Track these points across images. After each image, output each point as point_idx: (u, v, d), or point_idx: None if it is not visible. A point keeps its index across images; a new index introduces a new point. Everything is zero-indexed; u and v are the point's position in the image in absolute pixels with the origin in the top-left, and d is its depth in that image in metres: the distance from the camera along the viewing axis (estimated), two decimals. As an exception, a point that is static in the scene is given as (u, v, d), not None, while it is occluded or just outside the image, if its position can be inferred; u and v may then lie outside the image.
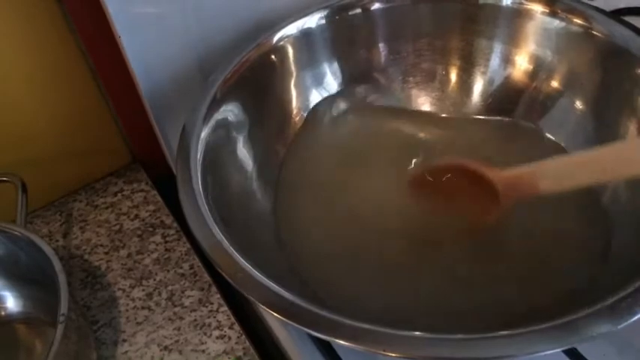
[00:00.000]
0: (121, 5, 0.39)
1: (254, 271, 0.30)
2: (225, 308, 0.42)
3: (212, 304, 0.43)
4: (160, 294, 0.44)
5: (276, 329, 0.40)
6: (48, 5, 0.42)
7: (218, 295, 0.43)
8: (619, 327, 0.26)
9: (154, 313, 0.43)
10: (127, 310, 0.43)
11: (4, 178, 0.42)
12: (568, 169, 0.36)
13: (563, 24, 0.41)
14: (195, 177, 0.34)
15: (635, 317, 0.26)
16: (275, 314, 0.28)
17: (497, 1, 0.43)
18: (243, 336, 0.41)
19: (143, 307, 0.43)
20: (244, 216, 0.37)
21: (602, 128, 0.40)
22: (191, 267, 0.45)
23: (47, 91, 0.45)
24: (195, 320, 0.42)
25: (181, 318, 0.42)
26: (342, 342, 0.27)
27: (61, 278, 0.35)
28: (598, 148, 0.35)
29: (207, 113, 0.38)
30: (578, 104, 0.42)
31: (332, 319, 0.28)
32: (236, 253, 0.31)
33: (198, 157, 0.36)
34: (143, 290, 0.44)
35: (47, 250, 0.37)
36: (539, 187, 0.36)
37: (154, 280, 0.45)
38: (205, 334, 0.41)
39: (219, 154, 0.37)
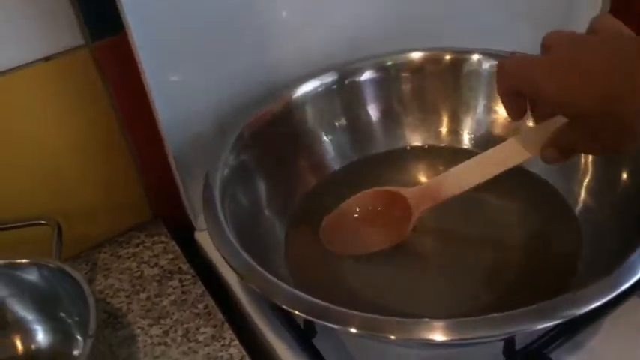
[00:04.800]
0: (157, 72, 0.45)
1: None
2: (236, 342, 0.45)
3: (224, 338, 0.46)
4: (176, 331, 0.47)
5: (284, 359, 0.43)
6: (90, 74, 0.48)
7: (230, 331, 0.46)
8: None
9: (170, 348, 0.46)
10: (144, 346, 0.46)
11: (43, 221, 0.47)
12: (464, 173, 0.42)
13: None
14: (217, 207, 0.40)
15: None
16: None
17: (479, 67, 0.50)
18: (254, 367, 0.44)
19: (160, 343, 0.46)
20: (259, 244, 0.42)
21: None
22: (205, 307, 0.49)
23: (85, 153, 0.51)
24: (209, 354, 0.45)
25: (195, 352, 0.45)
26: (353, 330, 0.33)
27: (91, 301, 0.39)
28: (482, 153, 0.42)
29: (227, 157, 0.44)
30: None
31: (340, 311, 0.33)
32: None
33: (218, 195, 0.42)
34: (160, 328, 0.47)
35: (79, 278, 0.41)
36: (442, 194, 0.43)
37: (171, 319, 0.48)
38: (218, 365, 0.44)
39: (236, 190, 0.43)
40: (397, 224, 0.45)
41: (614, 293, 0.33)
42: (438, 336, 0.32)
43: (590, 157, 0.46)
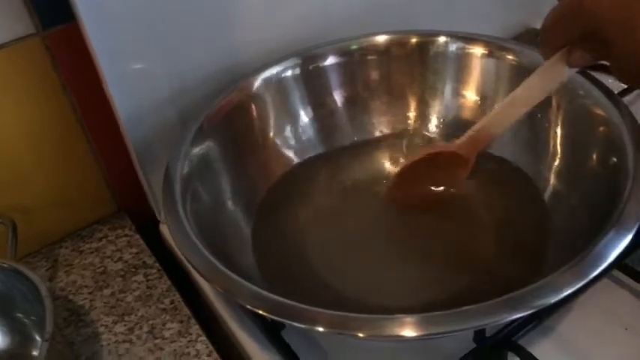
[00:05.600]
0: (111, 60, 0.44)
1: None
2: (203, 338, 0.44)
3: (191, 334, 0.45)
4: (141, 328, 0.46)
5: (253, 354, 0.42)
6: (42, 64, 0.46)
7: (197, 326, 0.45)
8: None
9: (135, 345, 0.45)
10: (108, 344, 0.45)
11: (-4, 220, 0.45)
12: (504, 110, 0.42)
13: (497, 61, 0.49)
14: (177, 202, 0.38)
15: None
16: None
17: (446, 50, 0.49)
18: (221, 362, 0.43)
19: (125, 341, 0.45)
20: (222, 236, 0.41)
21: (533, 135, 0.47)
22: (172, 302, 0.47)
23: (41, 145, 0.49)
24: (175, 350, 0.44)
25: (161, 349, 0.44)
26: (320, 329, 0.32)
27: (47, 302, 0.38)
28: (516, 90, 0.41)
29: (188, 150, 0.42)
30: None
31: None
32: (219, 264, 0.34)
33: (179, 189, 0.40)
34: (125, 325, 0.46)
35: (35, 279, 0.39)
36: (492, 132, 0.43)
37: (136, 315, 0.47)
38: (184, 362, 0.43)
39: (198, 185, 0.41)
40: (454, 174, 0.46)
41: (585, 281, 0.32)
42: (408, 332, 0.31)
43: (559, 140, 0.46)
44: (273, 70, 0.48)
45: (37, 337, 0.42)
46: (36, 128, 0.48)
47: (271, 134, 0.49)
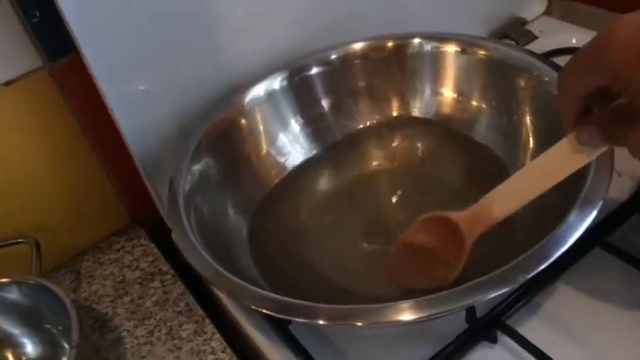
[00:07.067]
0: (113, 85, 0.47)
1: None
2: (217, 335, 0.48)
3: (206, 333, 0.48)
4: (160, 330, 0.49)
5: (264, 348, 0.45)
6: (51, 93, 0.50)
7: (211, 325, 0.49)
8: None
9: (156, 346, 0.48)
10: (132, 347, 0.49)
11: (21, 240, 0.49)
12: (514, 189, 0.39)
13: (471, 56, 0.51)
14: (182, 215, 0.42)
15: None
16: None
17: (421, 50, 0.52)
18: (235, 357, 0.46)
19: (146, 343, 0.49)
20: (225, 244, 0.44)
21: (510, 124, 0.50)
22: (186, 304, 0.51)
23: (56, 167, 0.53)
24: (192, 349, 0.47)
25: (180, 348, 0.48)
26: (321, 322, 0.35)
27: (72, 314, 0.41)
28: (532, 162, 0.38)
29: (188, 166, 0.45)
30: (492, 111, 0.51)
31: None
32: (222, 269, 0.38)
33: (182, 203, 0.44)
34: (145, 328, 0.50)
35: (59, 292, 0.43)
36: (494, 215, 0.39)
37: (155, 319, 0.50)
38: (202, 359, 0.46)
39: (199, 199, 0.45)
40: (450, 254, 0.43)
41: (557, 255, 0.34)
42: (406, 316, 0.34)
43: (529, 126, 0.48)
44: (261, 85, 0.52)
45: (66, 345, 0.46)
46: (49, 154, 0.52)
47: (265, 145, 0.52)
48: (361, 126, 0.55)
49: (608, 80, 0.29)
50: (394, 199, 0.52)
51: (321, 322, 0.35)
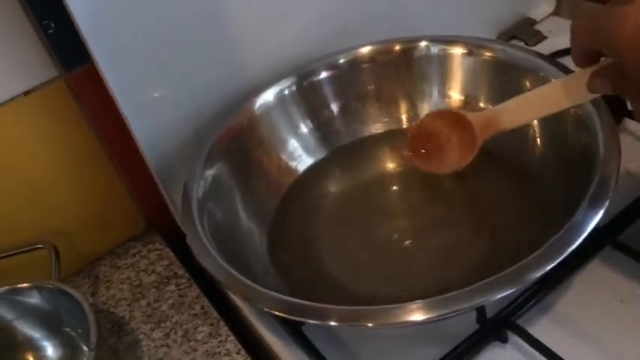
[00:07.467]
0: (127, 92, 0.48)
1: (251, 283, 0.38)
2: (232, 338, 0.49)
3: (221, 335, 0.49)
4: (176, 332, 0.50)
5: (277, 350, 0.46)
6: (68, 102, 0.51)
7: (226, 328, 0.50)
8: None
9: (172, 349, 0.49)
10: (148, 350, 0.50)
11: (40, 246, 0.50)
12: (522, 106, 0.42)
13: (477, 58, 0.52)
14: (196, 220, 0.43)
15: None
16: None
17: (428, 53, 0.53)
18: (249, 359, 0.47)
19: (162, 345, 0.50)
20: (238, 248, 0.45)
21: None
22: (202, 307, 0.52)
23: (73, 174, 0.54)
24: (207, 351, 0.48)
25: (195, 350, 0.49)
26: (333, 323, 0.36)
27: (91, 317, 0.43)
28: (543, 86, 0.41)
29: (201, 172, 0.46)
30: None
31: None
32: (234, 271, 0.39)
33: (196, 208, 0.44)
34: (162, 331, 0.51)
35: (78, 296, 0.44)
36: (502, 125, 0.44)
37: (171, 321, 0.51)
38: (217, 361, 0.47)
39: (212, 204, 0.46)
40: (460, 148, 0.47)
41: (566, 253, 0.35)
42: (416, 317, 0.35)
43: (536, 124, 0.49)
44: (271, 90, 0.53)
45: (85, 348, 0.47)
46: (67, 162, 0.53)
47: (275, 150, 0.53)
48: (371, 129, 0.55)
49: (617, 59, 0.31)
50: (406, 202, 0.52)
51: (332, 323, 0.36)
